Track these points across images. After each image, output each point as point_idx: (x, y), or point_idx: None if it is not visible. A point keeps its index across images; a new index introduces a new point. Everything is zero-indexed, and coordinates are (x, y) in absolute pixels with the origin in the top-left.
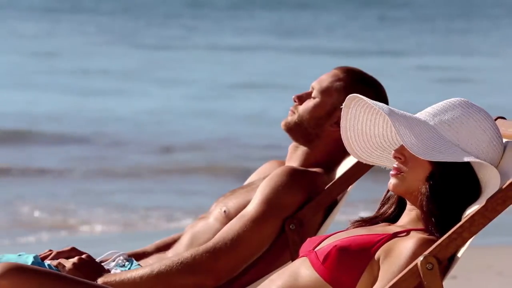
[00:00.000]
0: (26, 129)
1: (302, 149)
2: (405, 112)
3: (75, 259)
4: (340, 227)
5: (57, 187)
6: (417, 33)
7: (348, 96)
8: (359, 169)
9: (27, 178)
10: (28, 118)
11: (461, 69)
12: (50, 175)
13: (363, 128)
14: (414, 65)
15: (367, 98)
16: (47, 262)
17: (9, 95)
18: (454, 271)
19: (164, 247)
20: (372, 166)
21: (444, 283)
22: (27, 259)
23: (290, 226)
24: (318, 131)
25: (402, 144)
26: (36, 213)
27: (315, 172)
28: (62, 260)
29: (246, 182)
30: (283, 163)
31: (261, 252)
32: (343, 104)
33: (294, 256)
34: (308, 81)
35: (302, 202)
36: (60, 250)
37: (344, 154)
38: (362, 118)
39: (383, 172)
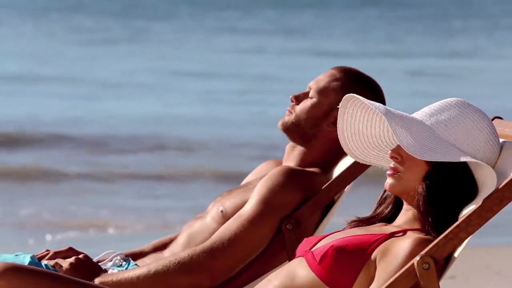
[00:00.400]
0: (29, 131)
1: (299, 149)
2: (401, 112)
3: (72, 259)
4: (338, 227)
5: (61, 188)
6: (415, 33)
7: (345, 96)
8: (356, 169)
9: (32, 180)
10: (31, 120)
11: (458, 70)
12: (56, 176)
13: (360, 128)
14: (411, 66)
15: (363, 98)
16: (44, 262)
17: (12, 98)
18: (453, 271)
19: (162, 247)
20: (369, 166)
21: (443, 283)
22: (24, 259)
23: (287, 226)
24: (315, 131)
25: (398, 144)
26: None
27: (312, 172)
28: (59, 260)
29: (243, 182)
30: (280, 163)
31: (258, 252)
32: (340, 104)
33: (291, 256)
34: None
35: (299, 202)
36: (57, 250)
37: (341, 154)
38: (358, 118)
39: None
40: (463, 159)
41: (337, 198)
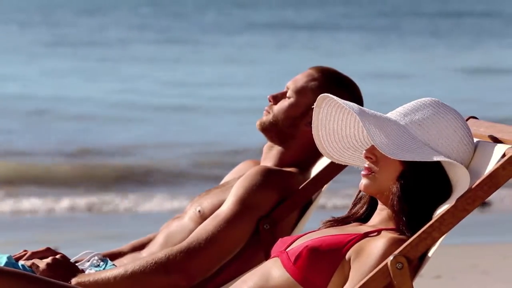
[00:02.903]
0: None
1: (277, 149)
2: (375, 112)
3: (49, 259)
4: (315, 227)
5: None
6: None
7: (319, 96)
8: (334, 169)
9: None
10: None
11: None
12: None
13: (335, 128)
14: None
15: (337, 98)
16: (21, 262)
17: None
18: (438, 270)
19: (140, 247)
20: (347, 166)
21: (429, 282)
22: (1, 260)
23: (264, 226)
24: (293, 131)
25: (373, 144)
26: None
27: (289, 172)
28: (36, 261)
29: (222, 182)
30: (258, 163)
31: (235, 252)
32: (315, 103)
33: (268, 256)
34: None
35: (277, 202)
36: (35, 250)
37: (319, 154)
38: (333, 118)
39: None
40: (436, 158)
41: (314, 198)
